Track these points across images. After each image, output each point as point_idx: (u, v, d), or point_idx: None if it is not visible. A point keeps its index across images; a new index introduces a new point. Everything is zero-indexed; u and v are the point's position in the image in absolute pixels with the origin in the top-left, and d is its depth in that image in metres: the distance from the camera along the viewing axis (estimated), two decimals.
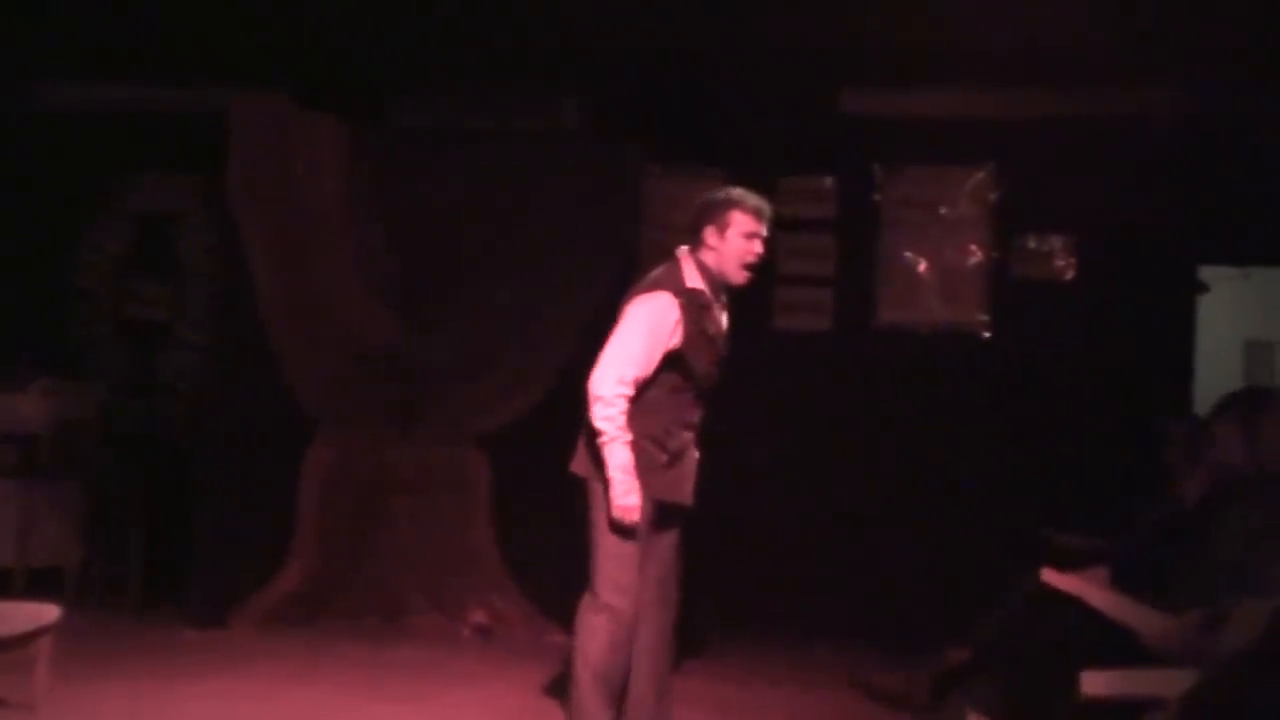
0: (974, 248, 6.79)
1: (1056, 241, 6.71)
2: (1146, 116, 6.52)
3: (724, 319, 4.33)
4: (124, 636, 5.89)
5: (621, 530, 4.11)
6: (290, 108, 6.34)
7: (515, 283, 6.52)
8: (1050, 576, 4.12)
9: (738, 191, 4.30)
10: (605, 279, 6.49)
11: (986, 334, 6.75)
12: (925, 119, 6.73)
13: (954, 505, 6.50)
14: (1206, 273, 6.93)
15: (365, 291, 6.55)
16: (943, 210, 6.83)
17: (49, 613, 4.20)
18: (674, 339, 4.14)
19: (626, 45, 6.47)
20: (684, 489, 4.30)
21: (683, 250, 4.29)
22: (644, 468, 4.11)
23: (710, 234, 4.23)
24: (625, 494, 4.06)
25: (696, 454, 4.35)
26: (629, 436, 4.08)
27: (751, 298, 6.86)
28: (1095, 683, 3.48)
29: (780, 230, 6.88)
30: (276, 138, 6.31)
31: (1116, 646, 3.66)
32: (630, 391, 4.09)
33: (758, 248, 4.24)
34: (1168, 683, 3.41)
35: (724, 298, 4.33)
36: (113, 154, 7.38)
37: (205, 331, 7.19)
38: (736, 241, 4.21)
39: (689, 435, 4.28)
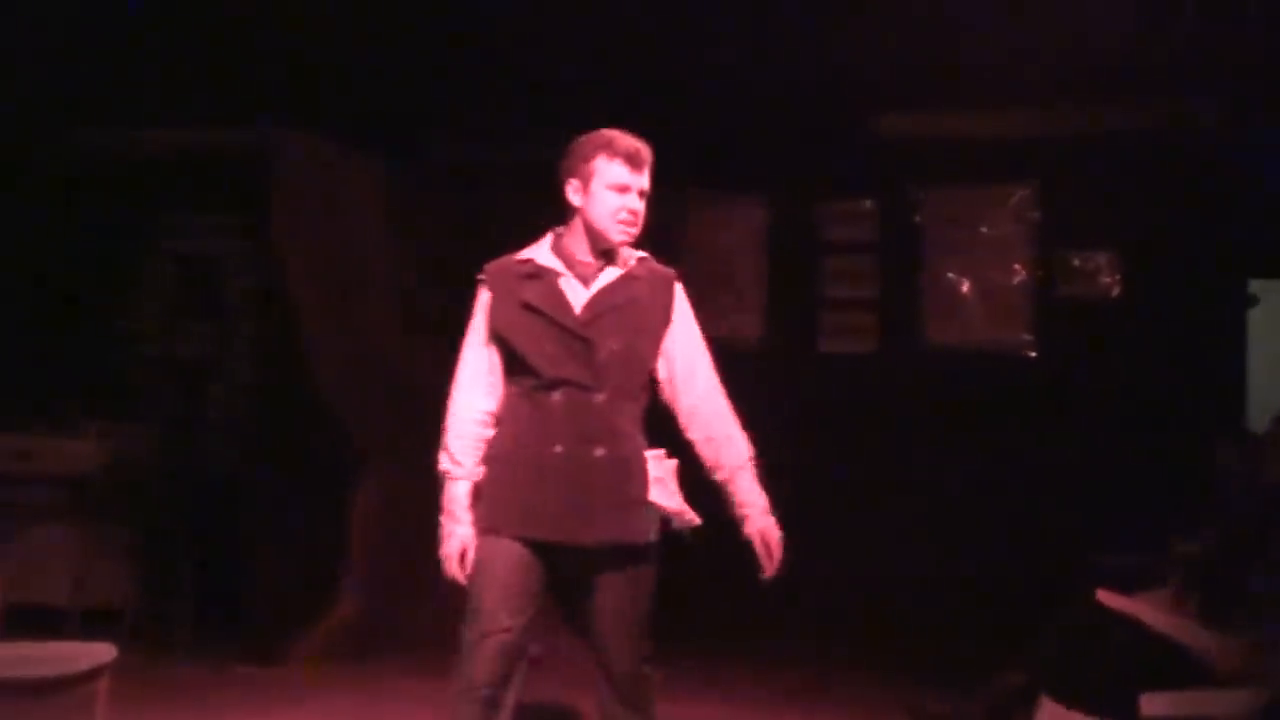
0: (1017, 267, 6.76)
1: (1101, 259, 6.66)
2: (1190, 129, 6.48)
3: (590, 289, 3.38)
4: (179, 674, 5.92)
5: (457, 586, 3.37)
6: (330, 147, 6.40)
7: None
8: (1106, 598, 4.07)
9: (602, 134, 3.42)
10: None
11: (1032, 353, 6.70)
12: (964, 139, 6.72)
13: (1002, 526, 6.44)
14: (1257, 286, 6.86)
15: (405, 327, 6.59)
16: (985, 230, 6.80)
17: (105, 652, 4.21)
18: (487, 327, 3.40)
19: (663, 73, 6.49)
20: (558, 522, 3.30)
21: (549, 232, 3.51)
22: (489, 493, 3.35)
23: (573, 189, 3.39)
24: (443, 540, 3.38)
25: (628, 474, 3.38)
26: (463, 470, 3.37)
27: (795, 319, 7.02)
28: (1155, 705, 3.44)
29: (823, 253, 7.01)
30: (318, 177, 6.38)
31: (1175, 668, 3.61)
32: (473, 405, 3.40)
33: (632, 202, 3.36)
34: (1228, 704, 3.37)
35: (610, 264, 3.42)
36: (157, 195, 7.47)
37: (252, 370, 7.25)
38: (603, 196, 3.35)
39: (560, 448, 3.30)
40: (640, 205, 3.39)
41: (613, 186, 3.36)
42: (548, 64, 6.43)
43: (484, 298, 3.43)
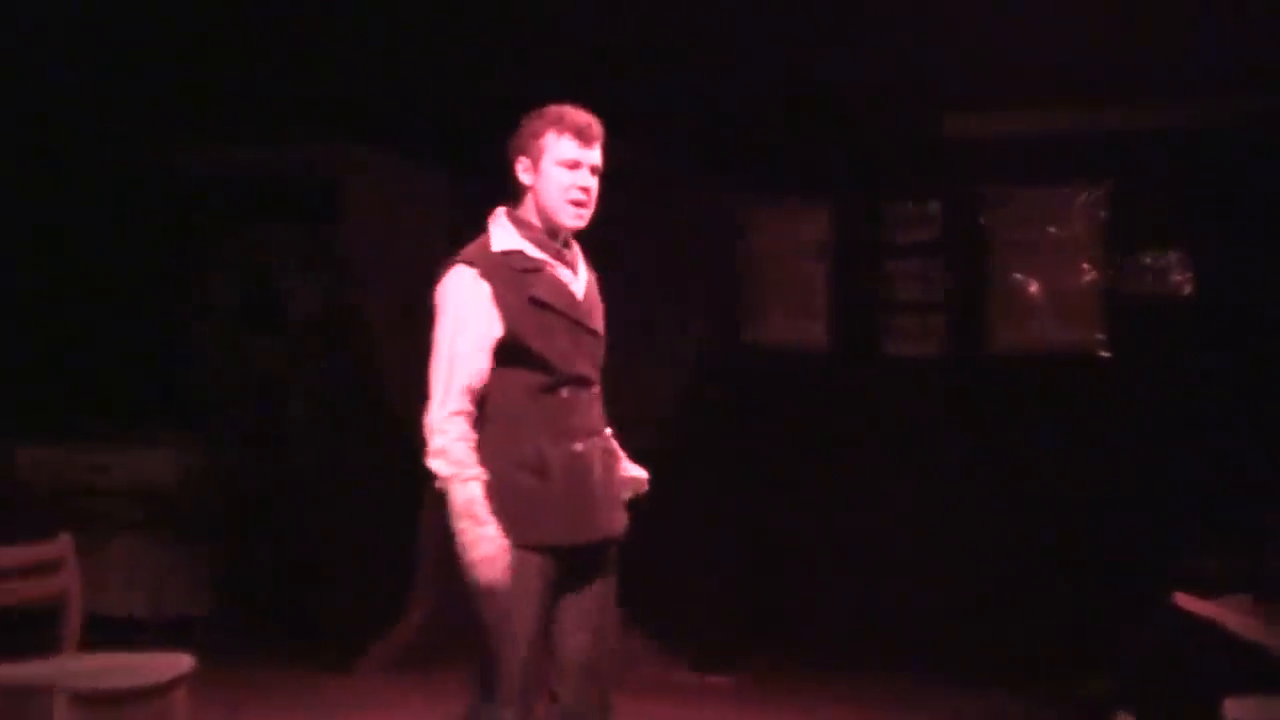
0: (1086, 266, 6.68)
1: (1172, 257, 6.56)
2: (1261, 125, 6.37)
3: (578, 277, 3.28)
4: (254, 684, 5.99)
5: (492, 598, 3.08)
6: (397, 163, 6.47)
7: (615, 324, 6.53)
8: (1187, 602, 4.01)
9: (551, 109, 3.27)
10: (706, 317, 6.54)
11: (1104, 353, 6.62)
12: (1031, 138, 6.64)
13: (1079, 532, 6.36)
14: None
15: None
16: (1053, 230, 6.72)
17: (183, 663, 4.28)
18: (496, 324, 3.14)
19: (722, 78, 6.48)
20: (592, 521, 3.22)
21: (497, 212, 3.31)
22: (522, 506, 3.12)
23: (523, 168, 3.23)
24: (473, 544, 3.05)
25: (615, 465, 3.35)
26: (474, 471, 3.09)
27: (860, 324, 6.99)
28: (1239, 710, 3.38)
29: (888, 256, 6.97)
30: (385, 193, 6.45)
31: (1259, 672, 3.55)
32: (466, 407, 3.13)
33: (584, 179, 3.21)
34: None
35: (574, 251, 3.30)
36: (231, 211, 7.58)
37: (324, 383, 7.33)
38: (554, 173, 3.20)
39: (580, 446, 3.20)
40: (593, 182, 3.24)
41: (563, 163, 3.21)
42: (609, 73, 6.44)
43: (483, 292, 3.15)
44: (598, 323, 3.31)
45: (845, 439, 6.69)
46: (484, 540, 3.05)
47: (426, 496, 6.36)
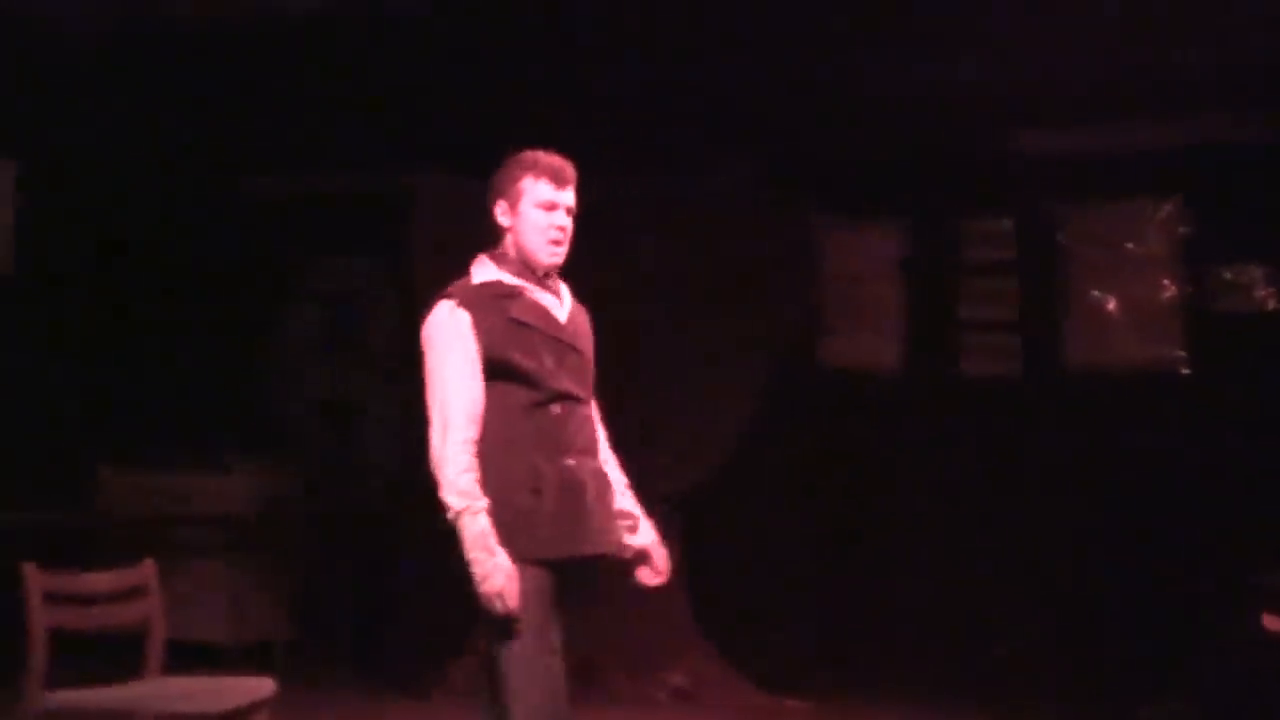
0: (1166, 282, 6.56)
1: (1255, 271, 6.43)
2: None
3: (561, 303, 3.42)
4: (333, 708, 6.03)
5: (506, 629, 3.16)
6: (471, 186, 6.49)
7: (690, 344, 6.54)
8: (1273, 622, 3.92)
9: (526, 154, 3.45)
10: (781, 337, 6.49)
11: (1185, 370, 6.49)
12: (1105, 153, 6.55)
13: (1159, 551, 6.24)
14: None
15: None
16: (1130, 245, 6.62)
17: (265, 687, 4.31)
18: (479, 346, 3.29)
19: (797, 96, 6.46)
20: (587, 535, 3.29)
21: (479, 256, 3.49)
22: (518, 521, 3.20)
23: (502, 211, 3.42)
24: (487, 577, 3.12)
25: (609, 481, 3.41)
26: (482, 503, 3.20)
27: (936, 343, 6.93)
28: None
29: (963, 274, 6.90)
30: (459, 217, 6.46)
31: None
32: (469, 434, 3.26)
33: (560, 219, 3.38)
34: None
35: (556, 283, 3.45)
36: (304, 239, 7.68)
37: (398, 409, 7.38)
38: (532, 215, 3.37)
39: (573, 461, 3.29)
40: (568, 222, 3.40)
41: (540, 205, 3.38)
42: (681, 91, 6.45)
43: (462, 320, 3.31)
44: (584, 344, 3.42)
45: (921, 460, 6.63)
46: (497, 571, 3.14)
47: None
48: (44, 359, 7.20)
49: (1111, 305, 6.63)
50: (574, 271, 3.42)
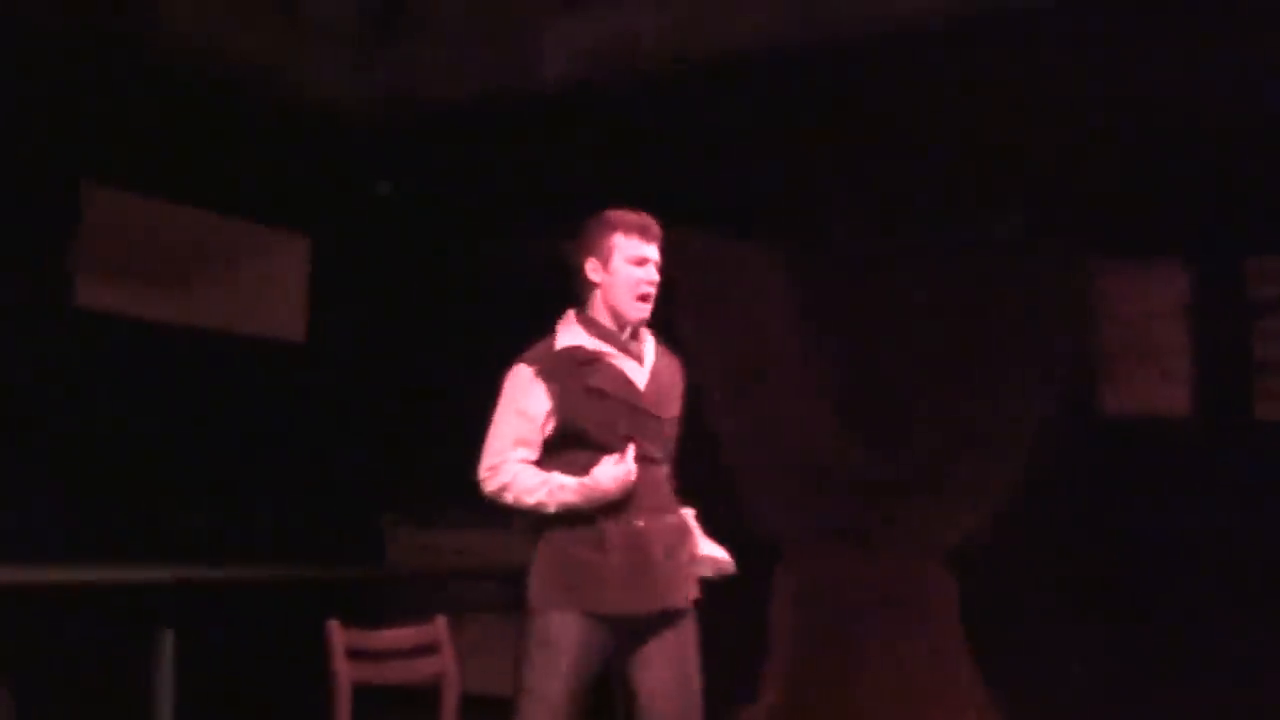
0: None
1: None
2: None
3: (642, 366, 3.59)
4: None
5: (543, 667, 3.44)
6: (729, 240, 6.59)
7: (964, 395, 6.42)
8: None
9: (614, 213, 3.64)
10: (1054, 387, 6.31)
11: None
12: None
13: None
14: None
15: (817, 410, 6.62)
16: None
17: None
18: (549, 413, 3.50)
19: (1065, 138, 6.28)
20: (649, 593, 3.45)
21: (567, 313, 3.68)
22: (576, 575, 3.43)
23: (593, 268, 3.59)
24: (606, 490, 3.39)
25: (685, 542, 3.58)
26: (541, 474, 3.47)
27: (1227, 389, 6.54)
28: None
29: (1255, 314, 6.50)
30: (715, 268, 6.58)
31: None
32: (509, 456, 3.54)
33: (650, 274, 3.58)
34: None
35: (642, 342, 3.64)
36: (546, 298, 7.85)
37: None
38: (624, 270, 3.57)
39: (642, 522, 3.47)
40: (657, 277, 3.61)
41: (631, 260, 3.57)
42: (946, 144, 6.37)
43: (535, 388, 3.50)
44: (665, 408, 3.61)
45: (1214, 515, 6.24)
46: (598, 483, 3.38)
47: (776, 581, 6.45)
48: (337, 421, 7.60)
49: None
50: (856, 327, 3.47)
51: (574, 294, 7.68)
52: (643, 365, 3.61)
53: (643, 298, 3.60)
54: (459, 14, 7.27)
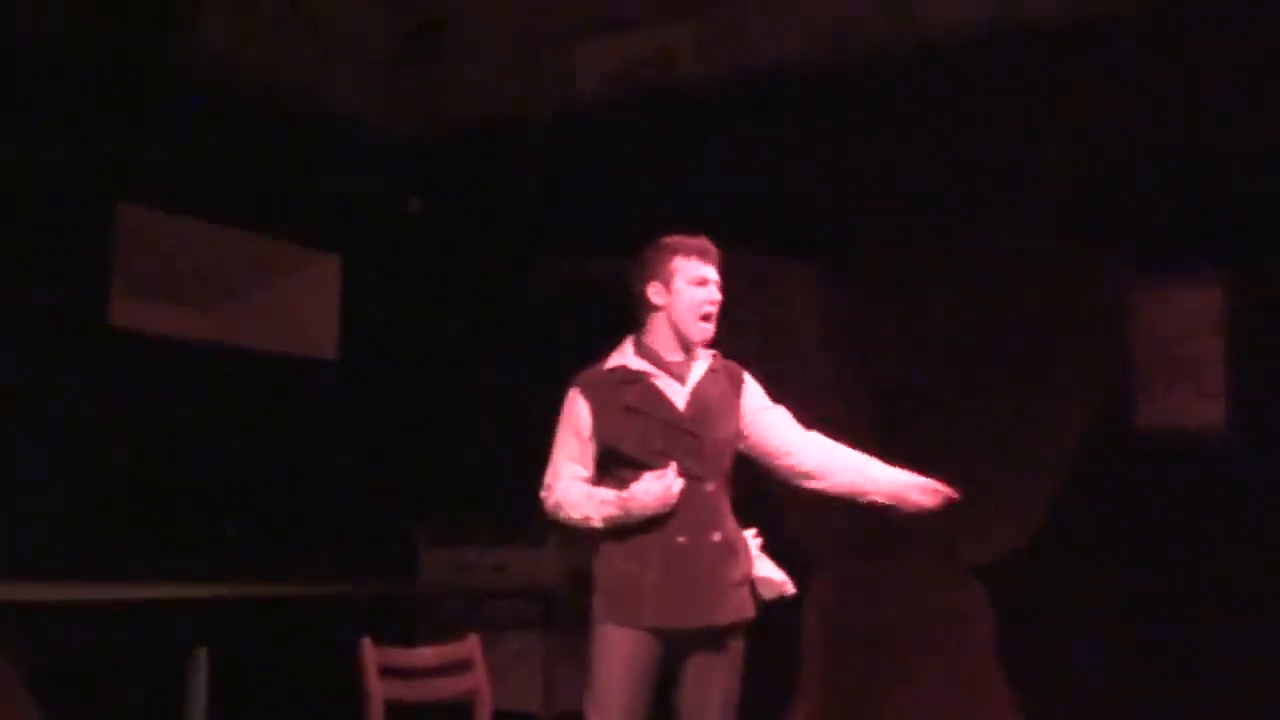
0: None
1: None
2: None
3: (685, 386, 3.68)
4: None
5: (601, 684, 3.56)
6: (763, 259, 6.58)
7: (995, 411, 6.38)
8: None
9: (673, 238, 3.74)
10: (1088, 401, 6.26)
11: None
12: None
13: None
14: None
15: (850, 422, 6.59)
16: None
17: None
18: (592, 432, 3.65)
19: (1100, 152, 6.25)
20: (691, 608, 3.55)
21: (626, 338, 3.79)
22: (618, 588, 3.56)
23: (655, 292, 3.69)
24: (646, 505, 3.51)
25: (733, 558, 3.63)
26: (587, 489, 3.62)
27: (1260, 401, 6.44)
28: None
29: None
30: (753, 288, 6.56)
31: None
32: (563, 476, 3.70)
33: (712, 294, 3.70)
34: None
35: (693, 363, 3.73)
36: (590, 321, 7.84)
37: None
38: (687, 292, 3.67)
39: (684, 539, 3.55)
40: (719, 296, 3.72)
41: (694, 281, 3.68)
42: (978, 156, 6.36)
43: (581, 409, 3.65)
44: (709, 427, 3.66)
45: (1249, 529, 6.17)
46: (636, 498, 3.49)
47: (808, 597, 6.42)
48: (369, 438, 7.62)
49: None
50: (885, 342, 3.48)
51: (607, 310, 7.70)
52: (684, 385, 3.70)
53: (705, 317, 3.71)
54: (491, 33, 7.32)
